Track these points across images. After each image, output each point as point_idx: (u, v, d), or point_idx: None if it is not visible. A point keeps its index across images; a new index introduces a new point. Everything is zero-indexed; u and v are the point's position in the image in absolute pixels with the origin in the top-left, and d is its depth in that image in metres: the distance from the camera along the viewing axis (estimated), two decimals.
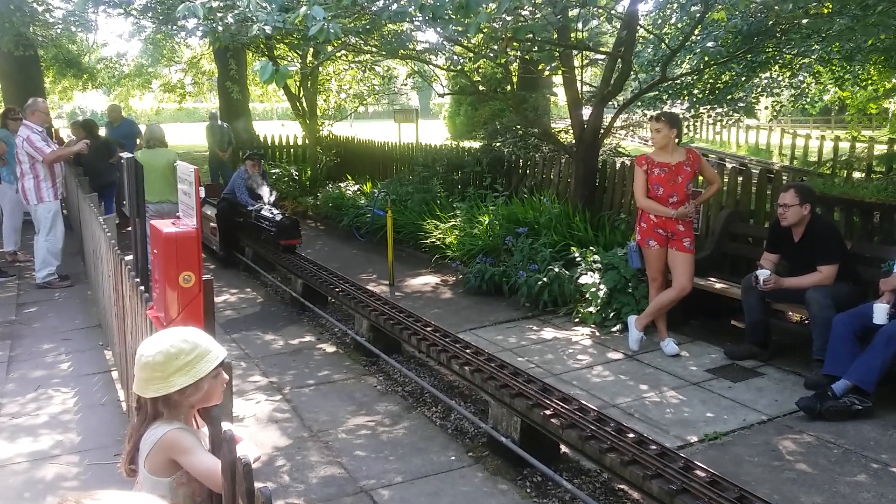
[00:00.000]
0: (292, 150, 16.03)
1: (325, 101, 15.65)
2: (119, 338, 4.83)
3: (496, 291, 7.50)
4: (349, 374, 5.66)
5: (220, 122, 14.29)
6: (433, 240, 8.78)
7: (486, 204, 8.92)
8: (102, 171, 9.93)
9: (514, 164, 10.20)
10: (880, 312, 4.80)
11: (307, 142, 15.14)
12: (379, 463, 4.25)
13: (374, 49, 8.46)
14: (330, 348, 6.25)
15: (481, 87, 9.83)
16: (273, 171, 14.32)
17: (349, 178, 12.89)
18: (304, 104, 14.50)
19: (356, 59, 12.04)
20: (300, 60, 12.55)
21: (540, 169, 9.78)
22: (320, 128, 14.86)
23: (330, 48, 8.52)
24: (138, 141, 11.15)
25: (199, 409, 2.35)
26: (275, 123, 21.87)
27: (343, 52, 9.71)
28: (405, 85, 14.84)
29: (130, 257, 4.29)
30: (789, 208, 5.42)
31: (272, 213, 8.53)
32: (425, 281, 8.29)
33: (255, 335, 6.55)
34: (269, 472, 4.10)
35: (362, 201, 11.13)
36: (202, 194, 9.05)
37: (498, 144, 10.63)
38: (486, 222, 8.31)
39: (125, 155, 4.85)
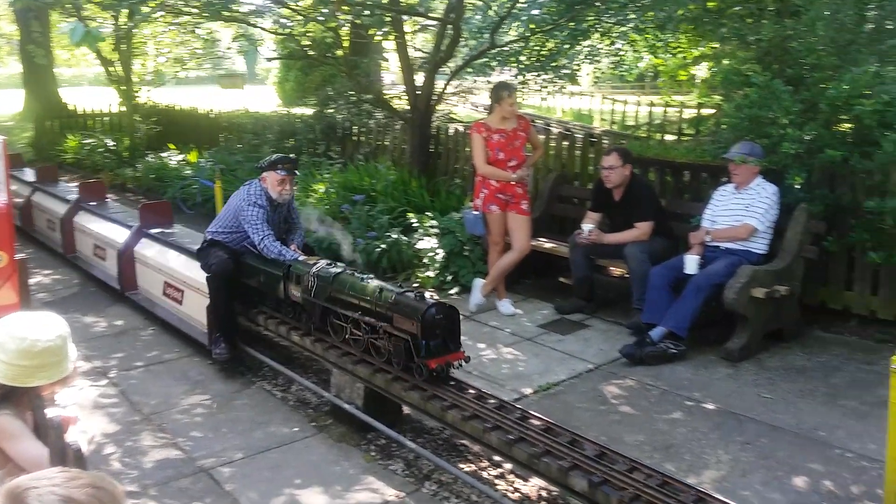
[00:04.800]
0: (107, 118, 14.94)
1: (142, 65, 14.66)
2: None
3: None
4: (181, 352, 5.41)
5: None
6: None
7: (321, 172, 8.77)
8: None
9: (348, 130, 10.08)
10: (691, 263, 5.23)
11: (124, 109, 14.15)
12: (218, 441, 4.11)
13: (194, 10, 8.00)
14: (160, 327, 5.92)
15: (311, 52, 9.60)
16: (86, 141, 13.30)
17: (172, 147, 12.20)
18: (119, 69, 13.52)
19: (175, 21, 11.34)
20: (113, 22, 11.66)
21: (375, 136, 9.73)
22: (137, 94, 13.92)
23: (145, 9, 7.98)
24: None
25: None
26: (85, 90, 20.30)
27: (160, 13, 9.13)
28: (230, 49, 14.18)
29: None
30: (614, 170, 5.74)
31: (378, 285, 4.12)
32: None
33: (73, 318, 6.07)
34: (97, 460, 3.85)
35: (188, 171, 10.59)
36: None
37: (331, 111, 10.45)
38: (322, 190, 8.17)
39: None
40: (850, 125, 5.53)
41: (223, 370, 5.02)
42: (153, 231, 6.36)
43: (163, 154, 11.84)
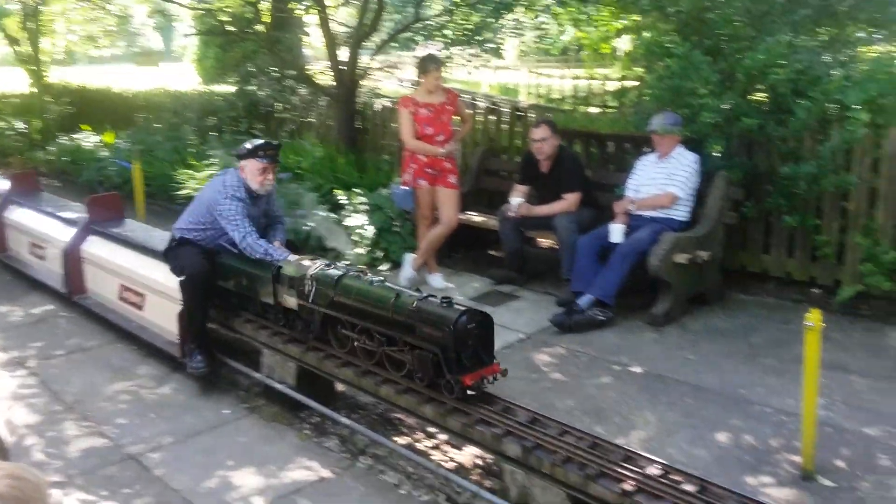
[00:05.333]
0: (16, 100, 14.22)
1: (51, 44, 14.00)
2: None
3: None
4: (103, 339, 5.23)
5: None
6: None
7: None
8: None
9: (271, 107, 9.87)
10: (616, 232, 5.33)
11: (34, 90, 13.51)
12: (145, 427, 4.01)
13: None
14: (79, 314, 5.71)
15: (230, 28, 9.33)
16: None
17: (86, 128, 11.71)
18: (27, 48, 12.87)
19: None
20: None
21: (299, 112, 9.56)
22: (47, 74, 13.30)
23: None
24: None
25: None
26: None
27: None
28: (144, 26, 13.69)
29: None
30: (546, 141, 5.79)
31: (394, 289, 3.66)
32: None
33: None
34: (18, 453, 3.70)
35: (104, 153, 10.20)
36: None
37: (253, 88, 10.20)
38: None
39: None
40: (765, 94, 5.70)
41: (150, 355, 4.89)
42: (103, 227, 5.68)
43: (76, 136, 11.37)
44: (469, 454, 3.62)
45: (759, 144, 5.66)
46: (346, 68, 8.13)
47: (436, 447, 3.73)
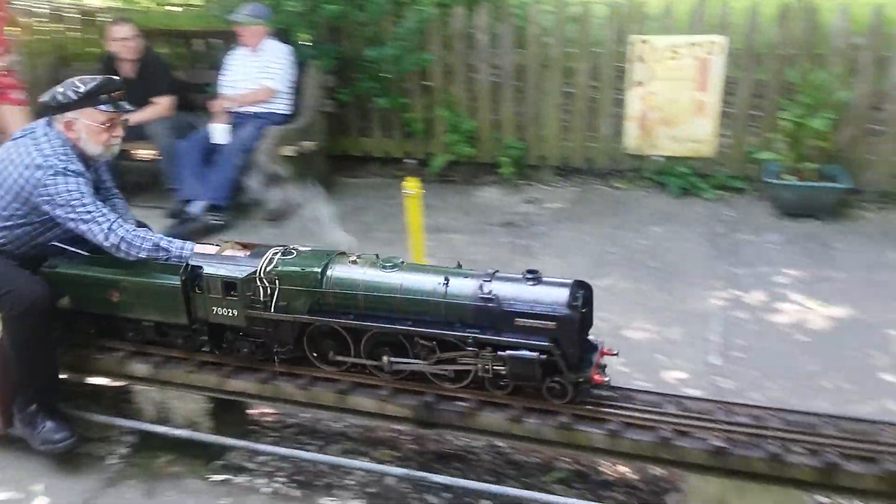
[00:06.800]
0: None
1: None
2: None
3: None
4: None
5: None
6: None
7: None
8: None
9: None
10: (218, 132, 5.17)
11: None
12: None
13: None
14: None
15: None
16: None
17: None
18: None
19: None
20: None
21: None
22: None
23: None
24: None
25: None
26: None
27: None
28: None
29: None
30: (131, 40, 5.36)
31: (435, 272, 2.55)
32: None
33: None
34: None
35: None
36: None
37: None
38: None
39: None
40: None
41: None
42: None
43: None
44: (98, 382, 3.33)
45: (344, 31, 5.81)
46: None
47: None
